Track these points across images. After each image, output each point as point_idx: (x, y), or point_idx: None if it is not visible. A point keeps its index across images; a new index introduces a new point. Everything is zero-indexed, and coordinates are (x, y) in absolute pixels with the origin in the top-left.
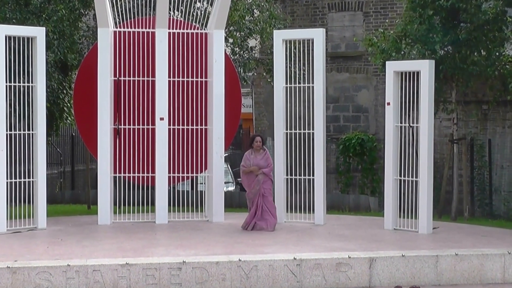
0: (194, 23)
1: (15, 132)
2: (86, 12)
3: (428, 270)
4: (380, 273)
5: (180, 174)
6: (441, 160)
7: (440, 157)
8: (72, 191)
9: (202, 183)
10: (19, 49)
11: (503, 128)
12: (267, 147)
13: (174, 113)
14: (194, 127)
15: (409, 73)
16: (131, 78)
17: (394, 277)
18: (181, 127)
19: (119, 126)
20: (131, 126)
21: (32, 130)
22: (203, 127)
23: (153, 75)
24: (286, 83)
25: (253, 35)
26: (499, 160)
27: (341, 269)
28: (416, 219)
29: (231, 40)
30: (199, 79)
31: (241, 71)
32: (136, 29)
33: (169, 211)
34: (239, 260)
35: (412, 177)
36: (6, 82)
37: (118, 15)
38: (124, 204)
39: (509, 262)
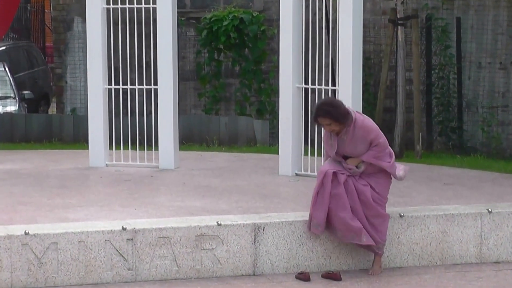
0: None
1: None
2: None
3: (352, 246)
4: (272, 250)
5: None
6: (377, 55)
7: (375, 49)
8: None
9: None
10: None
11: None
12: (73, 34)
13: None
14: None
15: None
16: None
17: (295, 258)
18: None
19: None
20: None
21: None
22: None
23: None
24: None
25: None
26: (475, 54)
27: (205, 246)
28: None
29: None
30: None
31: None
32: None
33: None
34: (26, 233)
35: (326, 85)
36: None
37: None
38: None
39: (489, 228)
